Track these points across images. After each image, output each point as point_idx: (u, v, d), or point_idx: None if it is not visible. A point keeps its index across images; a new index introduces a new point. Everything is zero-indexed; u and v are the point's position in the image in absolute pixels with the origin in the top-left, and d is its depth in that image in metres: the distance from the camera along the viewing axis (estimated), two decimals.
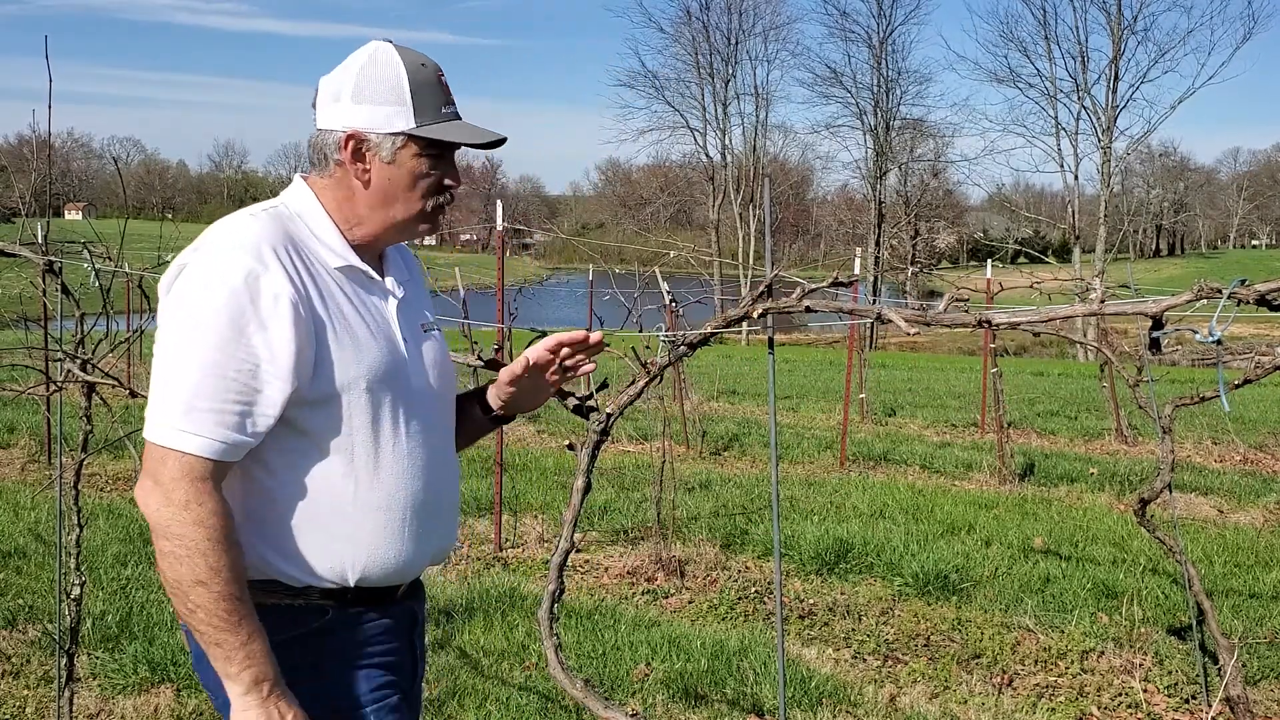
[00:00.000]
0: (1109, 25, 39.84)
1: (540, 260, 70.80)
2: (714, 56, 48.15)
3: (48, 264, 3.55)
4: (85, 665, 4.50)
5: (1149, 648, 4.98)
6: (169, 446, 1.66)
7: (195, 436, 1.65)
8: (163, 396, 1.68)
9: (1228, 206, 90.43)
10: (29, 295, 9.17)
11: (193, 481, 1.65)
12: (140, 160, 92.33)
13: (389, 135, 1.80)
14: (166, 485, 1.65)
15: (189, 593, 1.64)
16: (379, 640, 1.86)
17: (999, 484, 9.52)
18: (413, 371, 1.87)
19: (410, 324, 1.92)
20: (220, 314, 1.66)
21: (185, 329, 1.68)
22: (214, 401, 1.66)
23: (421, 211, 1.86)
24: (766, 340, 2.70)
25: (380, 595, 1.86)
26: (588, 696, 1.89)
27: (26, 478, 8.64)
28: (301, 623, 1.79)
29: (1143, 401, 5.00)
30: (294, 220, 1.82)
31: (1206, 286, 1.65)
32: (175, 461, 1.65)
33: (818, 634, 5.34)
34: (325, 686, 1.79)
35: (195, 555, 1.64)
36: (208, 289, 1.67)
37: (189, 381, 1.66)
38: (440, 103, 1.83)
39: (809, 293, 2.03)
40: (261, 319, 1.67)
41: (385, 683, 1.85)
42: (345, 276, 1.82)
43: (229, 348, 1.66)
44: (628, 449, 10.90)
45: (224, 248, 1.71)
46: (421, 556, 1.90)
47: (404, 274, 1.98)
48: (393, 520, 1.82)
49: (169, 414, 1.67)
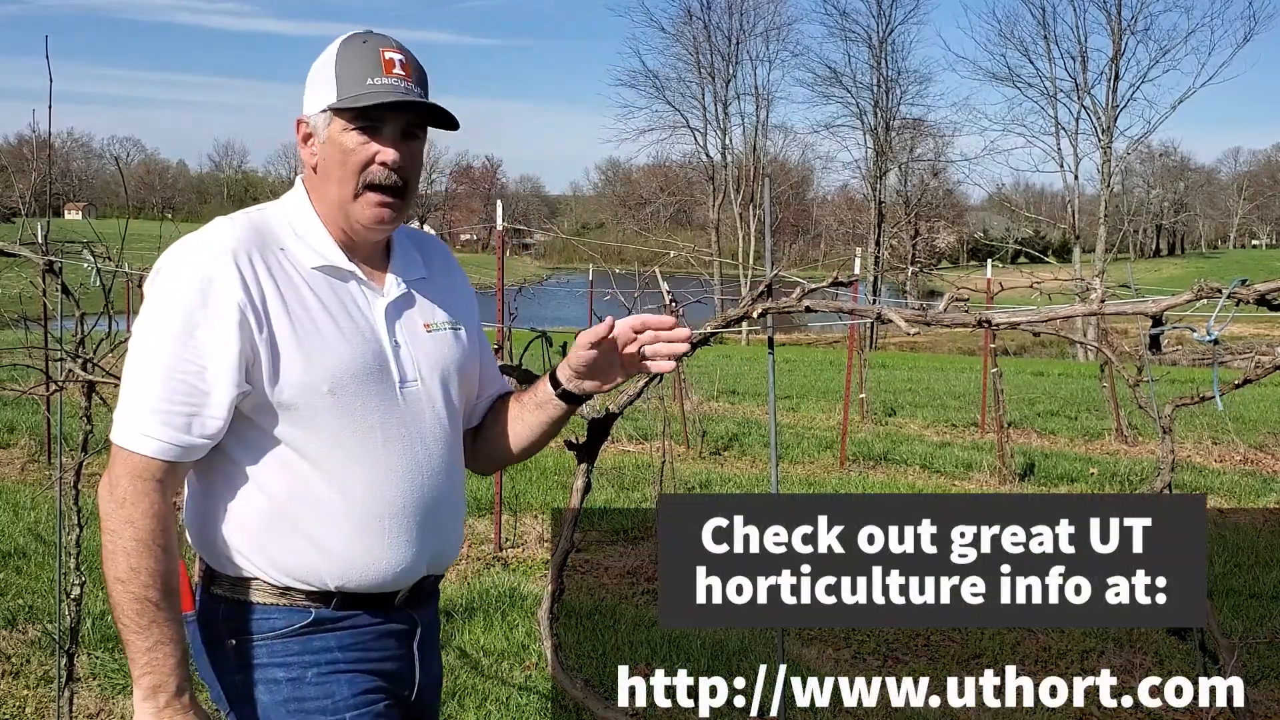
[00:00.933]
0: (1109, 25, 39.81)
1: (540, 260, 70.76)
2: (715, 56, 48.13)
3: (48, 264, 3.55)
4: (85, 665, 4.50)
5: (1149, 648, 4.98)
6: (120, 445, 1.70)
7: (145, 437, 1.69)
8: (123, 397, 1.72)
9: (1228, 206, 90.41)
10: (29, 295, 9.16)
11: (134, 479, 1.69)
12: (140, 160, 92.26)
13: (320, 114, 1.80)
14: (113, 481, 1.70)
15: (110, 588, 1.70)
16: (369, 646, 1.83)
17: (999, 484, 9.52)
18: (398, 372, 1.82)
19: (407, 323, 1.87)
20: (174, 317, 1.70)
21: (144, 331, 1.72)
22: (164, 403, 1.69)
23: (354, 190, 1.78)
24: (766, 340, 2.70)
25: (372, 600, 1.83)
26: (588, 697, 1.89)
27: (26, 478, 8.63)
28: (284, 622, 1.78)
29: (1143, 401, 4.99)
30: (279, 221, 1.82)
31: (1207, 286, 1.65)
32: (124, 459, 1.70)
33: (817, 634, 5.33)
34: (303, 688, 1.78)
35: (119, 553, 1.69)
36: (165, 293, 1.72)
37: (143, 383, 1.71)
38: (368, 74, 1.76)
39: (809, 292, 2.03)
40: (210, 321, 1.69)
41: (372, 688, 1.82)
42: (324, 275, 1.80)
43: (179, 349, 1.69)
44: (628, 449, 10.90)
45: (185, 253, 1.74)
46: (412, 563, 1.84)
47: (417, 271, 1.93)
48: (370, 527, 1.78)
49: (125, 414, 1.71)
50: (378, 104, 1.75)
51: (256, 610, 1.78)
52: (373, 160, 1.78)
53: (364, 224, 1.81)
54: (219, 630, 1.80)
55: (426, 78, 1.84)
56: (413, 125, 1.82)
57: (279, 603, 1.78)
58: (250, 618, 1.78)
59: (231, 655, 1.79)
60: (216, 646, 1.80)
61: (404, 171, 1.81)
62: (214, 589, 1.81)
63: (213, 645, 1.81)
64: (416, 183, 1.87)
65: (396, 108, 1.78)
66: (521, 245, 75.07)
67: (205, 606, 1.82)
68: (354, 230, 1.83)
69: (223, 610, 1.80)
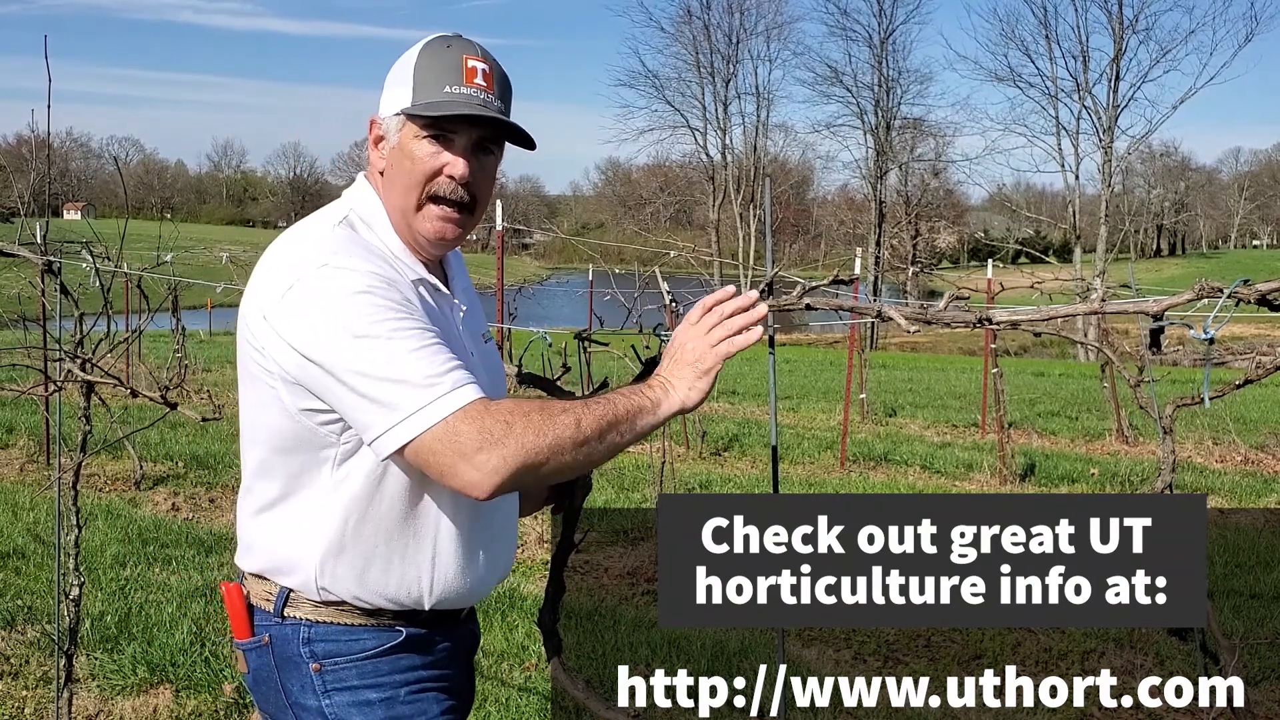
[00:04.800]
0: (1110, 25, 39.87)
1: (540, 260, 70.77)
2: (715, 56, 48.22)
3: (47, 264, 3.54)
4: (84, 666, 4.49)
5: (1150, 648, 4.98)
6: (432, 423, 1.52)
7: (463, 387, 1.55)
8: (397, 390, 1.53)
9: (1229, 206, 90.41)
10: (28, 295, 9.17)
11: (478, 419, 1.52)
12: (139, 160, 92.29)
13: (393, 117, 1.72)
14: (467, 452, 1.51)
15: (580, 430, 1.55)
16: (446, 663, 1.83)
17: (1000, 484, 9.52)
18: (481, 387, 1.81)
19: (474, 336, 1.85)
20: (383, 302, 1.57)
21: (359, 328, 1.55)
22: (451, 361, 1.57)
23: (417, 201, 1.72)
24: (766, 340, 2.69)
25: (448, 617, 1.82)
26: (589, 697, 1.89)
27: (25, 478, 8.63)
28: (374, 643, 1.74)
29: (1144, 402, 4.99)
30: (367, 230, 1.74)
31: (1208, 285, 1.64)
32: (450, 428, 1.52)
33: (817, 634, 5.33)
34: (397, 708, 1.74)
35: (552, 436, 1.53)
36: (349, 287, 1.57)
37: (410, 360, 1.54)
38: (448, 81, 1.68)
39: (809, 290, 2.03)
40: (412, 305, 1.61)
41: (452, 705, 1.82)
42: (423, 288, 1.74)
43: (410, 324, 1.57)
44: (627, 449, 10.88)
45: (330, 252, 1.62)
46: (490, 579, 1.85)
47: (464, 280, 1.90)
48: (466, 542, 1.76)
49: (417, 398, 1.53)
50: (452, 115, 1.67)
51: (344, 632, 1.72)
52: (440, 171, 1.70)
53: (426, 236, 1.74)
54: (298, 654, 1.73)
55: (510, 90, 1.77)
56: (487, 140, 1.74)
57: (368, 623, 1.74)
58: (339, 639, 1.72)
59: (315, 680, 1.72)
60: (294, 672, 1.73)
61: (472, 187, 1.73)
62: (290, 611, 1.74)
63: (288, 671, 1.74)
64: (486, 200, 1.79)
65: (472, 120, 1.69)
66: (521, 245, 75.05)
67: (276, 631, 1.75)
68: (417, 242, 1.76)
69: (304, 633, 1.73)
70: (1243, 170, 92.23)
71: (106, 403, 3.72)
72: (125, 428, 8.34)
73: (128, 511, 7.19)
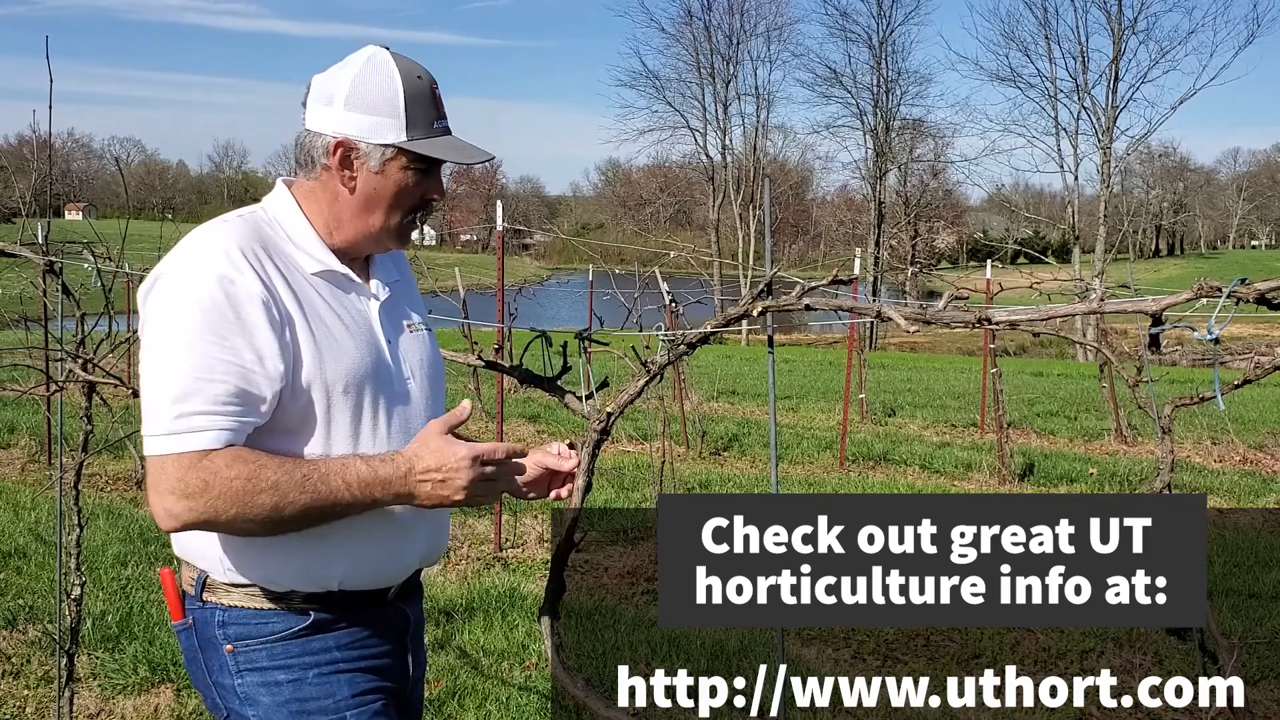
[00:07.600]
0: (1110, 25, 39.82)
1: (540, 260, 70.78)
2: (715, 56, 48.14)
3: (48, 264, 3.55)
4: (85, 665, 4.50)
5: (1149, 648, 4.99)
6: (164, 452, 1.64)
7: (196, 433, 1.63)
8: (155, 408, 1.65)
9: (1227, 207, 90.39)
10: (29, 295, 9.17)
11: (194, 471, 1.63)
12: (140, 160, 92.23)
13: (379, 145, 1.79)
14: (173, 490, 1.63)
15: (278, 511, 1.65)
16: (365, 644, 1.86)
17: (999, 484, 9.52)
18: (395, 373, 1.86)
19: (394, 324, 1.91)
20: (199, 319, 1.65)
21: (167, 339, 1.66)
22: (208, 405, 1.64)
23: (399, 225, 1.85)
24: (766, 340, 2.70)
25: (367, 598, 1.85)
26: (589, 696, 1.89)
27: (27, 478, 8.64)
28: (283, 626, 1.79)
29: (1142, 401, 5.00)
30: (271, 225, 1.82)
31: (1207, 285, 1.65)
32: (175, 463, 1.63)
33: (817, 634, 5.34)
34: (304, 688, 1.79)
35: (250, 506, 1.63)
36: (183, 298, 1.66)
37: (179, 388, 1.64)
38: (433, 117, 1.83)
39: (809, 290, 2.03)
40: (242, 322, 1.66)
41: (370, 688, 1.84)
42: (323, 280, 1.81)
43: (213, 351, 1.64)
44: (627, 449, 10.90)
45: (195, 255, 1.70)
46: (408, 558, 1.89)
47: (392, 274, 1.97)
48: (375, 523, 1.79)
49: (160, 420, 1.64)
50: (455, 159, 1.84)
51: (254, 615, 1.78)
52: (424, 201, 1.87)
53: (398, 244, 1.90)
54: (215, 636, 1.80)
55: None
56: None
57: (276, 607, 1.79)
58: (249, 622, 1.78)
59: (229, 660, 1.80)
60: (213, 653, 1.81)
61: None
62: (208, 596, 1.81)
63: (208, 652, 1.81)
64: None
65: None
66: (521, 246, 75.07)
67: (198, 614, 1.82)
68: (371, 247, 1.89)
69: (219, 616, 1.80)
70: (1241, 171, 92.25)
71: (108, 403, 3.72)
72: (127, 427, 8.34)
73: (129, 511, 7.19)
